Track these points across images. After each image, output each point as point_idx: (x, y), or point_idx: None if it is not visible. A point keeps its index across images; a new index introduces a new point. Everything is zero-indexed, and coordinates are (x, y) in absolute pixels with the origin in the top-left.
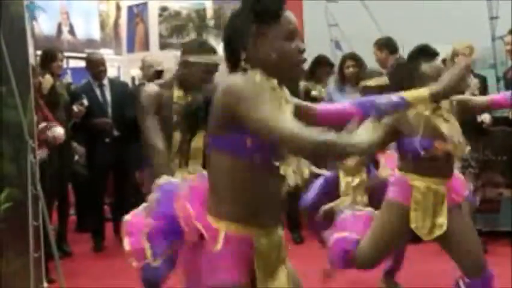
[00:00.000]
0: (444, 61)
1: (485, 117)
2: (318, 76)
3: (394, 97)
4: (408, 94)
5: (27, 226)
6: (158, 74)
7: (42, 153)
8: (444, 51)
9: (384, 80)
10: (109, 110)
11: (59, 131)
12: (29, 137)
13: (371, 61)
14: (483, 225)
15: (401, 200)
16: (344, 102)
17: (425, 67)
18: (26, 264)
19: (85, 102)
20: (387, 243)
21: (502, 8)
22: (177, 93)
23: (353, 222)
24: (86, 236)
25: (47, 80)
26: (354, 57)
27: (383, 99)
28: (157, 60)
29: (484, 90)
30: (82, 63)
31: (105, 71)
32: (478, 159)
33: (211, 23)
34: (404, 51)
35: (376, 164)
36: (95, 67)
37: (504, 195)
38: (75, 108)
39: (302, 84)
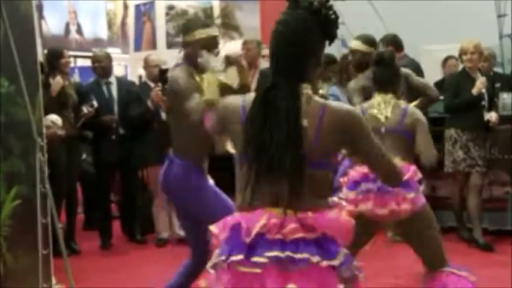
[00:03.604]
0: (446, 60)
1: (492, 116)
2: (325, 75)
3: None
4: None
5: (36, 224)
6: (163, 72)
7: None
8: (451, 50)
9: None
10: (115, 107)
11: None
12: (37, 135)
13: None
14: (490, 224)
15: None
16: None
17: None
18: (35, 262)
19: (95, 103)
20: None
21: (510, 6)
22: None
23: None
24: (93, 234)
25: (57, 82)
26: None
27: None
28: (161, 59)
29: (501, 87)
30: (90, 63)
31: (101, 67)
32: (484, 158)
33: (218, 21)
34: (410, 49)
35: None
36: (92, 63)
37: (511, 193)
38: (84, 109)
39: None
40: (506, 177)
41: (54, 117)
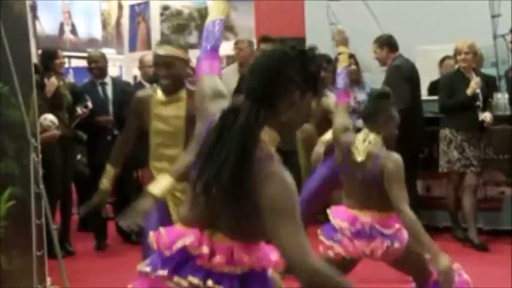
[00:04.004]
0: (443, 60)
1: (486, 116)
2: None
3: None
4: None
5: (30, 225)
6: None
7: None
8: (446, 50)
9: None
10: (110, 108)
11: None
12: (31, 136)
13: (371, 59)
14: (485, 224)
15: None
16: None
17: (394, 112)
18: (29, 263)
19: (89, 104)
20: None
21: (504, 6)
22: (159, 96)
23: None
24: (88, 235)
25: (52, 83)
26: (354, 56)
27: None
28: None
29: (491, 89)
30: (84, 63)
31: (98, 68)
32: (479, 158)
33: None
34: (405, 50)
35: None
36: (88, 64)
37: (506, 193)
38: (79, 110)
39: None
40: (501, 177)
41: (52, 117)
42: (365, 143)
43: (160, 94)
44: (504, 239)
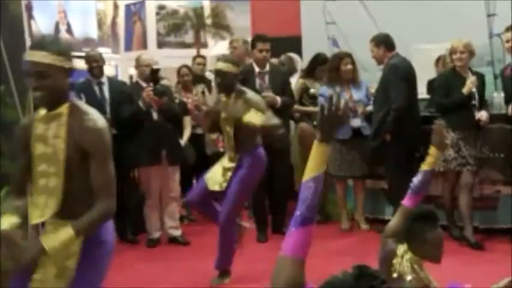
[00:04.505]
0: (439, 59)
1: (482, 115)
2: (316, 74)
3: None
4: None
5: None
6: (154, 72)
7: None
8: (441, 49)
9: None
10: (107, 108)
11: None
12: None
13: (367, 58)
14: (480, 223)
15: None
16: None
17: (431, 235)
18: None
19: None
20: None
21: (499, 6)
22: (40, 113)
23: None
24: None
25: None
26: (350, 55)
27: None
28: (152, 59)
29: (482, 87)
30: (80, 62)
31: (98, 67)
32: (475, 157)
33: (209, 21)
34: (401, 49)
35: None
36: (89, 63)
37: (502, 192)
38: None
39: (300, 81)
40: (497, 176)
41: None
42: (403, 262)
43: (42, 111)
44: (500, 238)
